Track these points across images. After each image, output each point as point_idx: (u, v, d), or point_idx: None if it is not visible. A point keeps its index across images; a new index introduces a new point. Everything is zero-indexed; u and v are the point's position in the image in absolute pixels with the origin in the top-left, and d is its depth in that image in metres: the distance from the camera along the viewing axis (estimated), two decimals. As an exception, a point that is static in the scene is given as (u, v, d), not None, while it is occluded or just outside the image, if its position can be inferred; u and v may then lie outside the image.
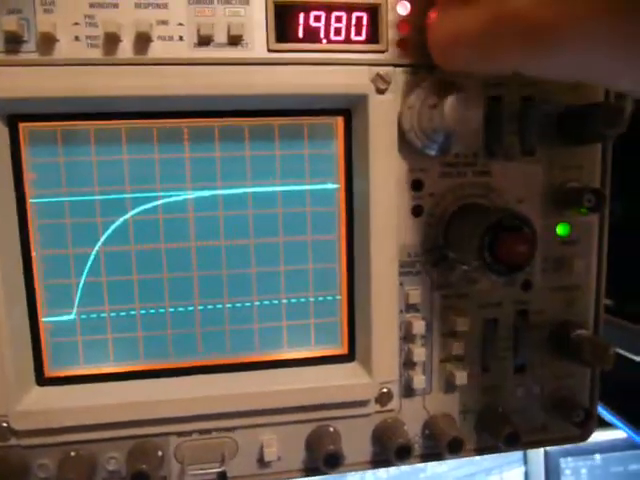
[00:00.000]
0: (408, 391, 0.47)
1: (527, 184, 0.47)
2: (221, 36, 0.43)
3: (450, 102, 0.40)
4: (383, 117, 0.43)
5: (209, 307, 0.45)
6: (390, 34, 0.44)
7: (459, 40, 0.37)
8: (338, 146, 0.45)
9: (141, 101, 0.41)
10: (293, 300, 0.47)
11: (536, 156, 0.47)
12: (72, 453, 0.44)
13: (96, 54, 0.41)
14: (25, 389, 0.43)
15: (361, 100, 0.43)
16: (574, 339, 0.47)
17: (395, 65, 0.44)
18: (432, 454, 0.48)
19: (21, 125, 0.41)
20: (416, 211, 0.46)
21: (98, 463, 0.44)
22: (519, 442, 0.46)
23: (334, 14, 0.44)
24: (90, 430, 0.43)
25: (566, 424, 0.49)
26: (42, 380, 0.44)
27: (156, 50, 0.42)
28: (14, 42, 0.40)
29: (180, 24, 0.42)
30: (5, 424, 0.42)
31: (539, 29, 0.31)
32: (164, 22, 0.42)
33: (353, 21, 0.44)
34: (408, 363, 0.47)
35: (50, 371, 0.45)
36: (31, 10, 0.41)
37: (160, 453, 0.45)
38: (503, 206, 0.45)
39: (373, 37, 0.44)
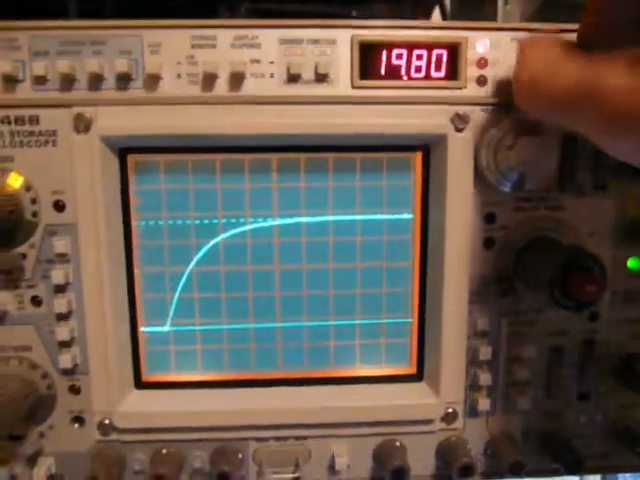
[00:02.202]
0: (473, 412, 0.50)
1: (598, 218, 0.48)
2: (309, 73, 0.46)
3: (525, 145, 0.42)
4: (461, 154, 0.45)
5: (289, 324, 0.49)
6: (469, 71, 0.46)
7: (543, 91, 0.39)
8: (415, 179, 0.48)
9: (235, 138, 0.45)
10: (367, 321, 0.50)
11: (608, 191, 0.48)
12: (164, 450, 0.48)
13: (195, 91, 0.45)
14: (126, 391, 0.48)
15: (440, 138, 0.45)
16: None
17: (473, 104, 0.46)
18: (493, 473, 0.51)
19: (129, 157, 0.46)
20: (488, 243, 0.48)
21: (185, 460, 0.49)
22: (581, 468, 0.48)
23: (415, 52, 0.46)
24: (180, 431, 0.48)
25: (628, 453, 0.50)
26: (140, 384, 0.49)
27: (249, 87, 0.46)
28: (124, 80, 0.45)
29: (271, 62, 0.46)
30: (108, 421, 0.47)
31: (628, 117, 0.32)
32: (257, 61, 0.46)
33: (433, 58, 0.47)
34: (474, 386, 0.49)
35: (146, 376, 0.49)
36: (139, 52, 0.45)
37: (240, 455, 0.49)
38: (574, 243, 0.46)
39: (452, 74, 0.46)
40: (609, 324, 0.50)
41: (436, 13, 1.16)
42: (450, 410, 0.49)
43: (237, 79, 0.45)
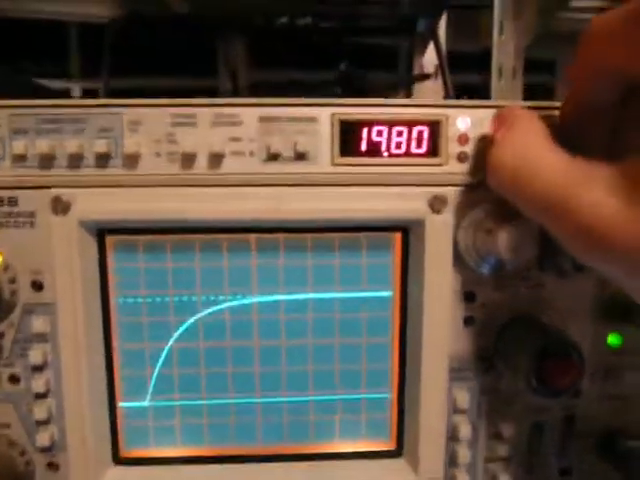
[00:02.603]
0: (452, 488, 0.50)
1: (579, 296, 0.48)
2: (288, 151, 0.46)
3: (505, 232, 0.42)
4: (439, 235, 0.45)
5: (269, 400, 0.49)
6: (450, 147, 0.46)
7: (520, 188, 0.38)
8: (395, 257, 0.48)
9: (214, 222, 0.45)
10: (347, 396, 0.50)
11: (587, 270, 0.47)
12: (142, 527, 0.48)
13: (174, 169, 0.45)
14: (104, 468, 0.48)
15: (418, 222, 0.45)
16: (622, 449, 0.48)
17: (453, 184, 0.46)
18: None
19: (108, 237, 0.46)
20: (468, 321, 0.47)
21: (164, 535, 0.49)
22: None
23: (396, 129, 0.46)
24: (158, 508, 0.48)
25: (610, 530, 0.50)
26: (118, 459, 0.49)
27: (229, 165, 0.46)
28: (104, 159, 0.45)
29: (252, 140, 0.46)
30: (86, 500, 0.47)
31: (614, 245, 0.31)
32: (237, 139, 0.46)
33: (414, 135, 0.46)
34: (453, 463, 0.49)
35: (125, 451, 0.49)
36: (119, 130, 0.45)
37: (219, 531, 0.49)
38: (552, 327, 0.46)
39: (433, 150, 0.46)
40: (590, 400, 0.50)
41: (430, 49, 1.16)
42: (429, 487, 0.49)
43: (217, 158, 0.45)
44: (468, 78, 1.30)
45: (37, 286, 0.45)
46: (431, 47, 1.15)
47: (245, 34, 1.18)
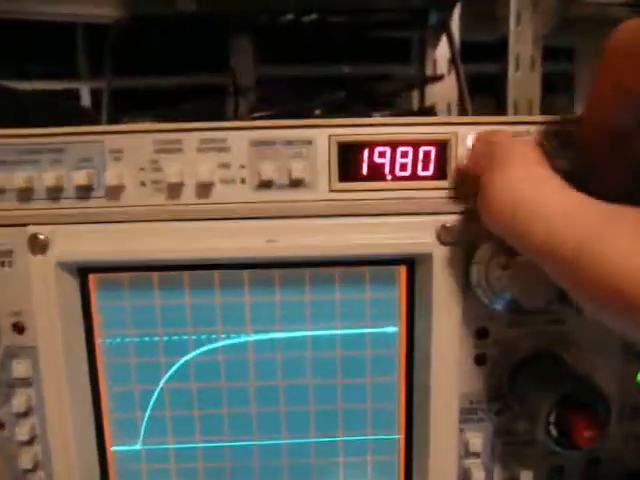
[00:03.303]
0: (465, 536, 0.46)
1: (604, 332, 0.44)
2: (282, 178, 0.42)
3: (521, 266, 0.38)
4: (448, 269, 0.41)
5: (267, 442, 0.46)
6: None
7: (519, 232, 0.33)
8: (400, 291, 0.44)
9: (205, 260, 0.42)
10: (351, 438, 0.46)
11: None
12: None
13: (160, 199, 0.42)
14: (94, 516, 0.46)
15: (425, 255, 0.41)
16: (650, 494, 0.44)
17: (462, 213, 0.42)
18: None
19: (90, 276, 0.43)
20: (480, 359, 0.44)
21: None
22: None
23: (400, 149, 0.42)
24: None
25: None
26: (110, 506, 0.47)
27: (218, 193, 0.42)
28: (85, 190, 0.42)
29: (242, 166, 0.42)
30: None
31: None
32: (226, 165, 0.42)
33: (420, 156, 0.42)
34: (466, 509, 0.46)
35: (117, 497, 0.47)
36: (101, 158, 0.42)
37: None
38: (575, 369, 0.42)
39: (441, 172, 0.42)
40: (616, 441, 0.46)
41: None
42: (440, 535, 0.46)
43: (205, 186, 0.42)
44: (484, 68, 1.25)
45: (18, 329, 0.43)
46: (444, 40, 1.10)
47: (252, 31, 1.14)
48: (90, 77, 1.25)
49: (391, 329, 0.45)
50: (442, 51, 1.13)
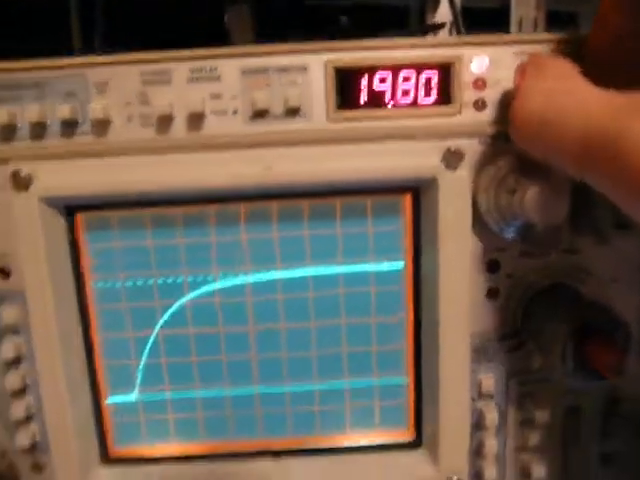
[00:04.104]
0: (479, 481, 0.44)
1: (622, 261, 0.41)
2: (277, 108, 0.40)
3: (532, 191, 0.35)
4: (455, 196, 0.39)
5: (269, 389, 0.44)
6: (464, 94, 0.39)
7: (550, 135, 0.32)
8: (405, 223, 0.42)
9: (196, 191, 0.39)
10: (356, 383, 0.44)
11: (631, 229, 0.41)
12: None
13: (149, 134, 0.40)
14: (90, 469, 0.44)
15: (430, 180, 0.39)
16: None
17: (469, 135, 0.39)
18: None
19: (78, 215, 0.41)
20: (491, 294, 0.41)
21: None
22: None
23: (402, 74, 0.40)
24: (153, 511, 0.43)
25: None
26: (106, 459, 0.45)
27: (210, 126, 0.40)
28: (70, 126, 0.40)
29: (234, 97, 0.40)
30: (72, 505, 0.43)
31: None
32: (217, 96, 0.40)
33: (422, 80, 0.40)
34: (479, 453, 0.44)
35: (114, 450, 0.45)
36: (85, 92, 0.39)
37: (221, 533, 0.45)
38: (592, 300, 0.39)
39: (445, 98, 0.40)
40: (636, 378, 0.43)
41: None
42: (453, 480, 0.43)
43: (196, 118, 0.40)
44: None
45: (4, 273, 0.41)
46: (444, 4, 1.07)
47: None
48: (83, 47, 1.22)
49: (396, 265, 0.42)
50: (442, 16, 1.09)
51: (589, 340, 0.35)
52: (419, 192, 0.41)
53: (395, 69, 0.39)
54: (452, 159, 0.39)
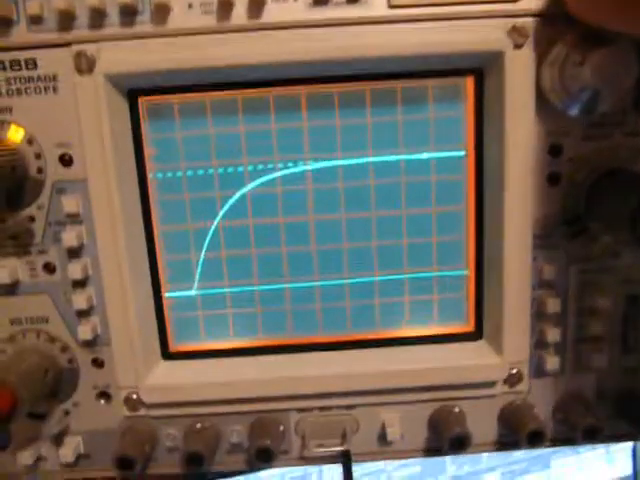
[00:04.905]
0: (539, 372, 0.44)
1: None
2: (338, -7, 0.39)
3: (599, 58, 0.35)
4: (521, 75, 0.39)
5: (329, 282, 0.44)
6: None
7: None
8: (467, 108, 0.42)
9: (256, 69, 0.39)
10: (416, 275, 0.44)
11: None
12: (198, 425, 0.44)
13: (210, 21, 0.39)
14: (152, 363, 0.44)
15: (496, 57, 0.39)
16: None
17: (530, 15, 0.39)
18: (565, 439, 0.45)
19: (140, 99, 0.41)
20: (553, 179, 0.41)
21: (222, 435, 0.45)
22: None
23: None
24: (214, 405, 0.43)
25: None
26: (167, 354, 0.45)
27: (271, 13, 0.40)
28: (129, 14, 0.39)
29: (295, -18, 0.39)
30: (135, 396, 0.43)
31: None
32: (278, -19, 0.39)
33: (482, -34, 0.40)
34: (540, 343, 0.44)
35: (174, 346, 0.45)
36: (145, -22, 0.39)
37: (281, 428, 0.45)
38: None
39: (504, -18, 0.39)
40: (697, 267, 0.43)
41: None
42: (514, 371, 0.43)
43: (257, 4, 0.39)
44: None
45: (66, 161, 0.40)
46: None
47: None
48: None
49: (458, 152, 0.42)
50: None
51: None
52: (482, 75, 0.41)
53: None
54: (517, 36, 0.39)
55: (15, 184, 0.40)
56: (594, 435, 0.43)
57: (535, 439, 0.42)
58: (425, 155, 0.42)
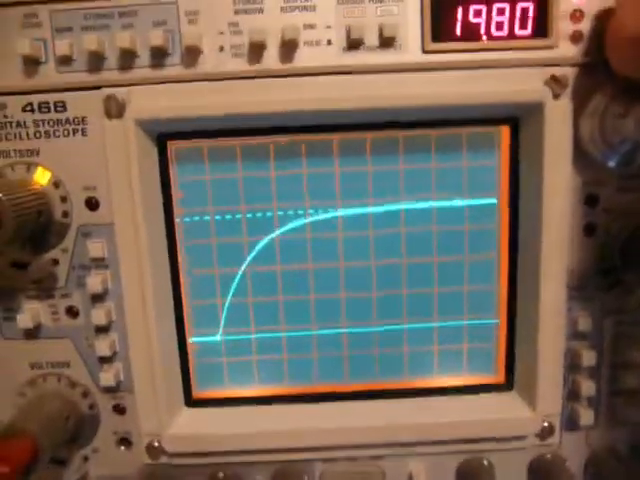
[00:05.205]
0: (571, 425, 0.43)
1: None
2: (372, 38, 0.39)
3: (641, 110, 0.35)
4: (560, 125, 0.38)
5: (357, 330, 0.43)
6: (561, 26, 0.39)
7: None
8: (501, 157, 0.41)
9: (287, 116, 0.38)
10: (446, 324, 0.43)
11: None
12: (220, 473, 0.43)
13: (241, 65, 0.39)
14: (175, 410, 0.43)
15: (534, 108, 0.38)
16: None
17: (569, 64, 0.38)
18: (597, 494, 0.44)
19: (169, 144, 0.40)
20: (589, 229, 0.41)
21: (244, 484, 0.44)
22: None
23: (496, 6, 0.39)
24: (238, 454, 0.42)
25: None
26: (191, 401, 0.44)
27: (303, 57, 0.39)
28: (159, 56, 0.39)
29: (328, 27, 0.39)
30: (157, 444, 0.42)
31: None
32: (311, 26, 0.39)
33: (517, 13, 0.39)
34: (573, 395, 0.42)
35: (198, 392, 0.44)
36: (175, 21, 0.39)
37: (306, 478, 0.43)
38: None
39: (541, 30, 0.39)
40: None
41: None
42: (546, 424, 0.42)
43: (289, 48, 0.39)
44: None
45: (92, 205, 0.40)
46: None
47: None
48: None
49: (491, 200, 0.41)
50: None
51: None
52: (517, 124, 0.40)
53: (488, 2, 0.38)
54: (556, 86, 0.38)
55: (40, 227, 0.39)
56: (628, 491, 0.41)
57: (567, 495, 0.41)
58: (457, 202, 0.41)
